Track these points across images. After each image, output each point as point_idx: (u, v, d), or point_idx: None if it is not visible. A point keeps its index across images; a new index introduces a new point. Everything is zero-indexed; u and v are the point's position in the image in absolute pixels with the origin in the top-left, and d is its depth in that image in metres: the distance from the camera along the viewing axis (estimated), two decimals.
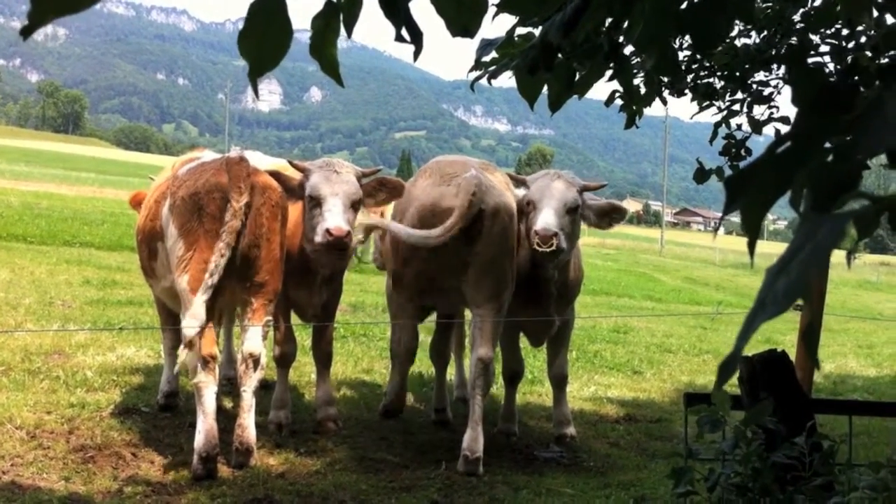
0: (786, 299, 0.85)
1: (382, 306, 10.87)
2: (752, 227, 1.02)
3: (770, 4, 4.20)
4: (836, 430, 5.38)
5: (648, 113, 4.83)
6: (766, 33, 4.40)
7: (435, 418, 6.59)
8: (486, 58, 2.65)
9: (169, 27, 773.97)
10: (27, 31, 1.24)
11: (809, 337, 0.97)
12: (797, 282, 0.85)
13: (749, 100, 4.93)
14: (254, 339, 5.26)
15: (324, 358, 6.22)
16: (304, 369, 7.77)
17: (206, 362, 4.96)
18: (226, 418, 5.75)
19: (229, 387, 6.82)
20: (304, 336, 7.92)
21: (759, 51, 4.42)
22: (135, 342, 8.28)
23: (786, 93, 4.93)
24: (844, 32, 4.17)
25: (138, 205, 6.27)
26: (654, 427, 7.08)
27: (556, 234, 5.24)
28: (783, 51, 4.27)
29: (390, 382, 6.84)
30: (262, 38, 1.49)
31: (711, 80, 4.82)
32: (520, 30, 2.54)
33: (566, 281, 5.98)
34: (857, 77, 3.83)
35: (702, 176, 5.04)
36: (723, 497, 3.12)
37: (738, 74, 4.72)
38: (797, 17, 4.25)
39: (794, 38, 4.27)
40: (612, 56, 2.17)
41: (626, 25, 2.05)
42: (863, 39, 4.14)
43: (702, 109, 5.01)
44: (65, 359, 7.33)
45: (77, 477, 4.70)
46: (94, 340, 8.16)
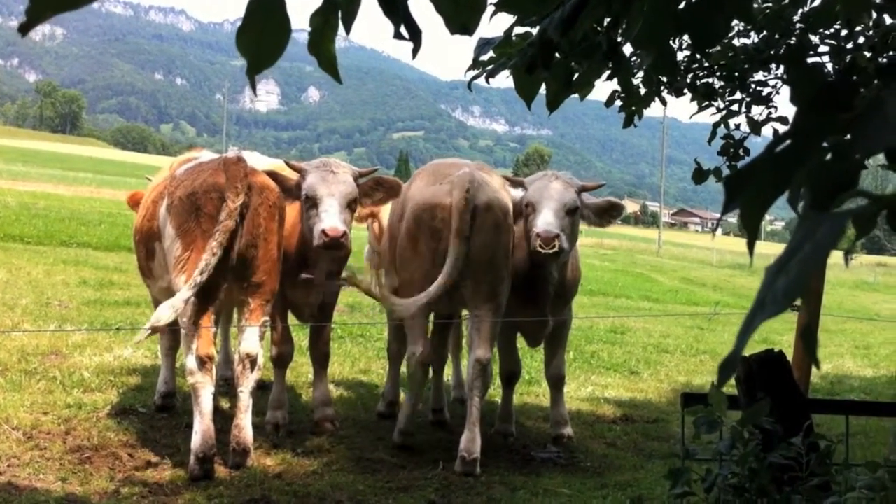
0: (785, 298, 0.85)
1: (380, 307, 10.85)
2: (752, 227, 1.01)
3: (769, 5, 4.20)
4: (833, 431, 5.39)
5: (646, 113, 4.84)
6: (765, 33, 4.41)
7: (432, 419, 6.59)
8: (484, 57, 2.65)
9: (167, 27, 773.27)
10: (25, 28, 1.23)
11: (808, 336, 0.96)
12: (796, 281, 0.85)
13: (748, 100, 4.93)
14: (251, 339, 5.25)
15: (321, 358, 6.22)
16: (301, 370, 7.76)
17: (202, 363, 4.96)
18: (223, 419, 5.75)
19: (226, 387, 6.82)
20: (301, 336, 7.91)
21: (758, 51, 4.43)
22: (132, 343, 8.26)
23: (784, 93, 4.93)
24: (843, 33, 4.17)
25: (136, 204, 6.26)
26: (650, 427, 7.08)
27: (557, 236, 5.25)
28: (782, 51, 4.27)
29: (388, 383, 6.84)
30: (261, 34, 1.49)
31: (710, 80, 4.82)
32: (518, 29, 2.54)
33: (564, 281, 5.98)
34: (855, 77, 3.83)
35: (700, 176, 5.04)
36: (720, 498, 3.12)
37: (736, 74, 4.72)
38: (796, 18, 4.25)
39: (793, 38, 4.27)
40: (610, 55, 2.17)
41: (624, 24, 2.05)
42: (861, 40, 4.15)
43: (701, 109, 5.01)
44: (62, 359, 7.32)
45: (74, 477, 4.70)
46: (90, 341, 8.16)
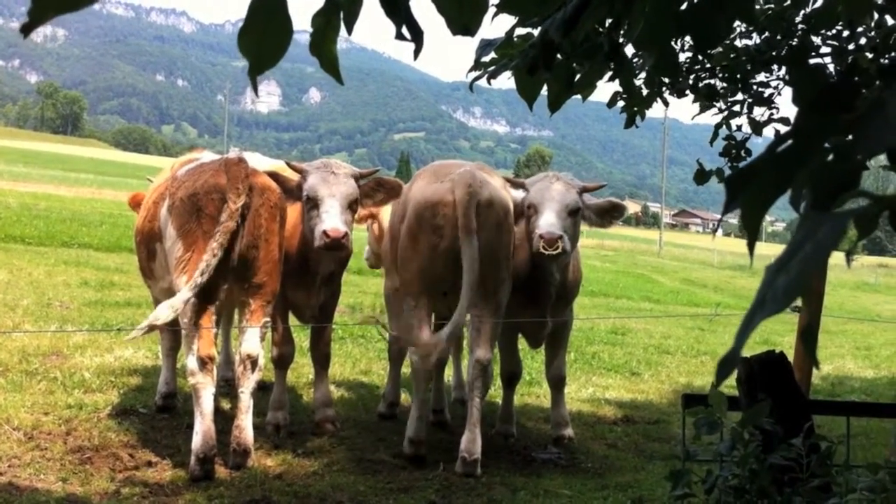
0: (785, 297, 0.85)
1: (381, 307, 10.85)
2: (752, 227, 1.01)
3: (771, 6, 4.20)
4: (834, 432, 5.38)
5: (647, 114, 4.84)
6: (766, 34, 4.41)
7: (433, 419, 6.59)
8: (486, 58, 2.65)
9: (168, 28, 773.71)
10: (27, 29, 1.23)
11: (808, 337, 0.96)
12: (797, 280, 0.85)
13: (749, 101, 4.93)
14: (252, 340, 5.25)
15: (322, 359, 6.22)
16: (302, 370, 7.77)
17: (203, 363, 4.96)
18: (223, 419, 5.75)
19: (227, 388, 6.82)
20: (302, 337, 7.91)
21: (760, 52, 4.43)
22: (133, 344, 8.26)
23: (786, 94, 4.93)
24: (845, 34, 4.17)
25: (137, 205, 6.27)
26: (651, 428, 7.08)
27: (560, 237, 5.24)
28: (783, 52, 4.27)
29: (389, 384, 6.84)
30: (263, 35, 1.49)
31: (712, 81, 4.82)
32: (519, 30, 2.54)
33: (565, 282, 5.98)
34: (856, 78, 3.83)
35: (702, 177, 5.04)
36: (720, 499, 3.11)
37: (738, 76, 4.72)
38: (798, 19, 4.25)
39: (795, 39, 4.27)
40: (612, 56, 2.17)
41: (626, 25, 2.05)
42: (863, 41, 4.14)
43: (703, 110, 5.01)
44: (62, 360, 7.32)
45: (74, 478, 4.70)
46: (91, 342, 8.16)
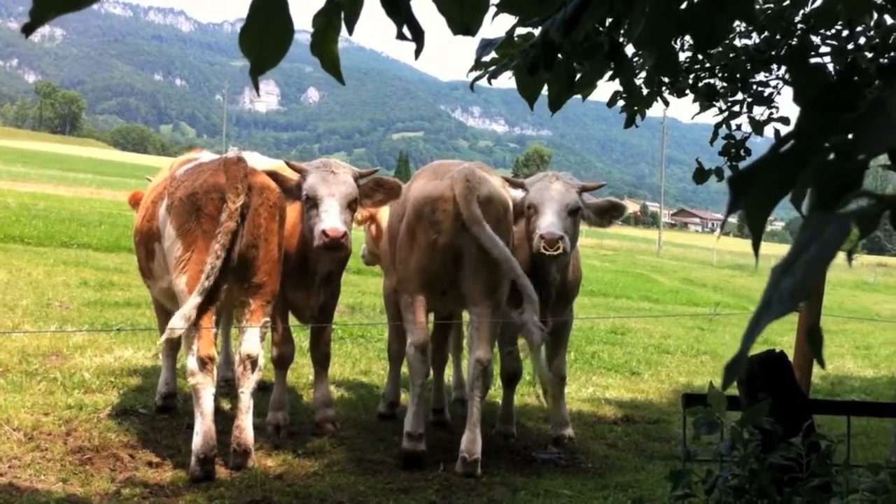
0: (792, 299, 0.85)
1: (380, 307, 10.86)
2: (756, 228, 1.01)
3: (770, 5, 4.20)
4: (834, 431, 5.38)
5: (646, 113, 4.84)
6: (766, 34, 4.41)
7: (433, 419, 6.59)
8: (486, 58, 2.65)
9: (166, 28, 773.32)
10: (29, 29, 1.23)
11: (814, 336, 0.96)
12: (803, 282, 0.84)
13: (749, 100, 4.93)
14: (252, 340, 5.25)
15: (322, 359, 6.22)
16: (301, 371, 7.76)
17: (203, 364, 4.95)
18: (224, 420, 5.75)
19: (227, 388, 6.82)
20: (301, 337, 7.91)
21: (759, 51, 4.42)
22: (132, 343, 8.27)
23: (785, 93, 4.93)
24: (844, 34, 4.17)
25: (137, 204, 6.26)
26: (651, 428, 7.08)
27: (561, 238, 5.24)
28: (783, 51, 4.27)
29: (389, 384, 6.84)
30: (264, 35, 1.49)
31: (712, 80, 4.82)
32: (520, 30, 2.54)
33: (565, 282, 5.98)
34: (856, 77, 3.83)
35: (701, 176, 5.04)
36: (720, 499, 3.11)
37: (738, 75, 4.72)
38: (797, 18, 4.25)
39: (794, 38, 4.27)
40: (612, 55, 2.17)
41: (626, 24, 2.05)
42: (862, 40, 4.14)
43: (703, 110, 5.01)
44: (62, 360, 7.32)
45: (75, 478, 4.70)
46: (91, 342, 8.15)
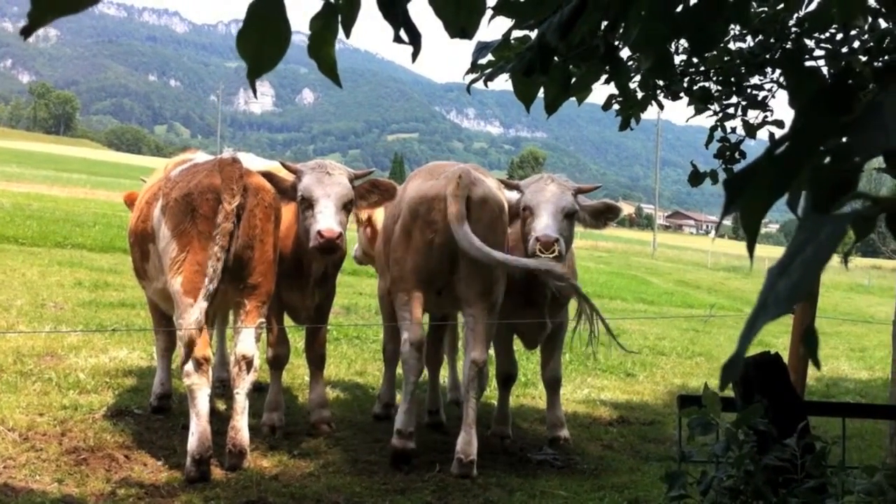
0: (788, 300, 0.85)
1: (375, 308, 10.87)
2: (752, 230, 1.01)
3: (765, 9, 4.21)
4: (829, 433, 5.40)
5: (641, 116, 4.85)
6: (760, 37, 4.42)
7: (428, 420, 6.59)
8: (483, 60, 2.66)
9: (161, 29, 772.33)
10: (27, 31, 1.23)
11: (810, 337, 0.96)
12: (799, 283, 0.85)
13: (743, 104, 4.94)
14: (247, 341, 5.25)
15: (317, 360, 6.22)
16: (297, 371, 7.76)
17: (199, 364, 4.95)
18: (219, 420, 5.74)
19: (222, 389, 6.82)
20: (297, 338, 7.90)
21: (754, 55, 4.44)
22: (127, 344, 8.26)
23: (780, 97, 4.95)
24: (839, 37, 4.18)
25: (133, 204, 6.25)
26: (647, 429, 7.09)
27: (557, 240, 5.25)
28: (777, 55, 4.29)
29: (384, 385, 6.84)
30: (261, 38, 1.49)
31: (706, 84, 4.83)
32: (516, 33, 2.54)
33: None
34: (851, 81, 3.83)
35: (696, 178, 5.05)
36: (716, 500, 3.12)
37: (732, 79, 4.74)
38: (791, 22, 4.26)
39: (789, 42, 4.29)
40: (608, 58, 2.18)
41: (622, 27, 2.05)
42: (856, 44, 4.16)
43: (697, 113, 5.02)
44: (57, 361, 7.30)
45: (70, 479, 4.69)
46: (86, 342, 8.14)
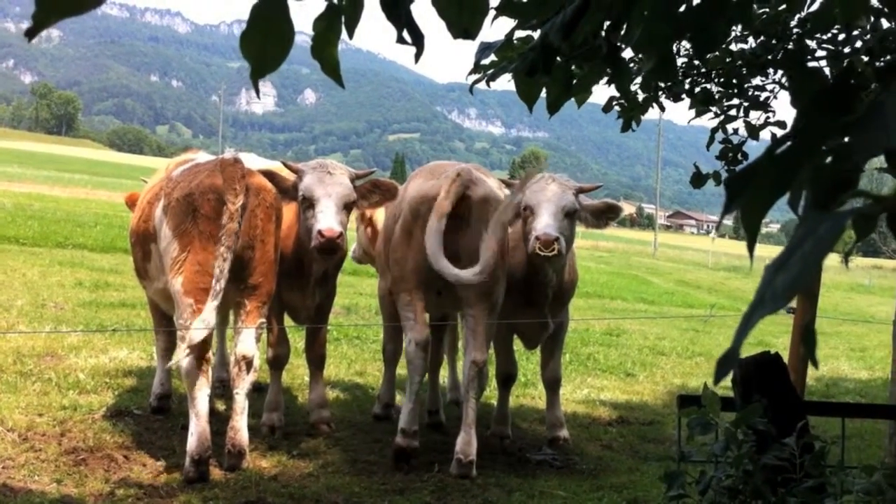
0: (785, 295, 0.85)
1: (376, 309, 10.86)
2: (752, 229, 1.01)
3: (766, 9, 4.20)
4: (829, 433, 5.40)
5: (643, 116, 4.85)
6: (762, 38, 4.41)
7: (428, 421, 6.59)
8: (485, 61, 2.66)
9: (163, 29, 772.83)
10: (32, 33, 1.23)
11: (808, 336, 0.96)
12: (797, 277, 0.85)
13: (745, 105, 4.93)
14: (247, 341, 5.25)
15: (317, 360, 6.22)
16: (297, 371, 7.76)
17: (199, 365, 4.95)
18: (218, 421, 5.74)
19: (222, 389, 6.82)
20: (297, 338, 7.90)
21: (756, 56, 4.43)
22: (127, 344, 8.26)
23: (782, 98, 4.94)
24: (841, 37, 4.17)
25: (134, 204, 6.25)
26: (646, 429, 7.09)
27: (557, 239, 5.24)
28: (779, 56, 4.28)
29: (384, 385, 6.84)
30: (265, 39, 1.49)
31: (708, 85, 4.82)
32: (519, 33, 2.54)
33: (561, 284, 5.98)
34: (852, 80, 3.82)
35: (698, 180, 5.04)
36: (715, 500, 3.12)
37: (734, 80, 4.73)
38: (793, 23, 4.25)
39: (791, 42, 4.28)
40: (610, 59, 2.17)
41: (625, 28, 2.05)
42: (858, 44, 4.15)
43: (699, 115, 5.01)
44: (57, 361, 7.30)
45: (69, 479, 4.69)
46: (86, 342, 8.14)
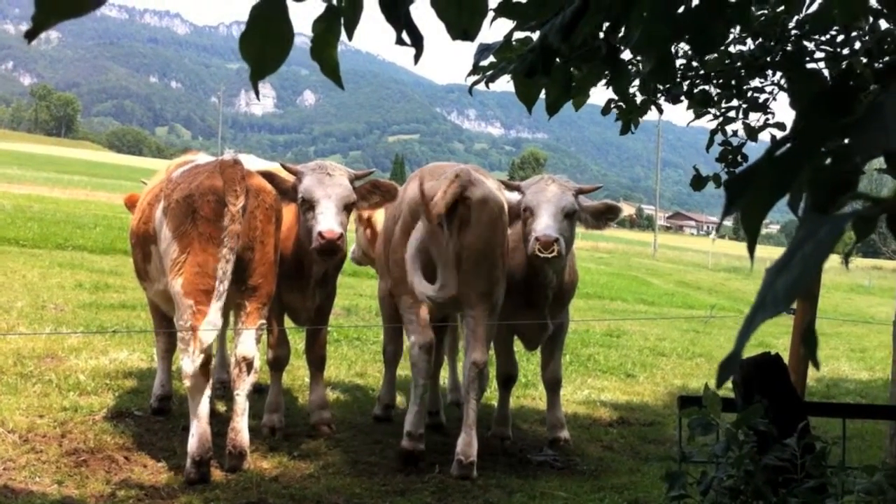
0: (786, 298, 0.85)
1: (376, 310, 10.86)
2: (752, 230, 1.02)
3: (765, 11, 4.21)
4: (829, 433, 5.40)
5: (642, 117, 4.85)
6: (760, 40, 4.41)
7: (428, 422, 6.58)
8: (485, 62, 2.66)
9: (162, 30, 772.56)
10: (31, 35, 1.24)
11: (809, 337, 0.96)
12: (798, 280, 0.85)
13: (744, 106, 4.93)
14: (247, 342, 5.25)
15: (317, 361, 6.22)
16: (297, 373, 7.76)
17: (199, 366, 4.94)
18: (219, 422, 5.74)
19: (223, 390, 6.82)
20: (297, 340, 7.90)
21: (754, 57, 4.43)
22: (128, 346, 8.26)
23: (781, 99, 4.94)
24: (840, 38, 4.17)
25: (134, 205, 6.25)
26: (647, 430, 7.09)
27: (557, 240, 5.25)
28: (778, 57, 4.28)
29: (384, 386, 6.84)
30: (264, 41, 1.49)
31: (707, 87, 4.82)
32: (518, 34, 2.54)
33: (561, 284, 5.99)
34: (851, 82, 3.83)
35: (699, 182, 5.04)
36: (716, 500, 3.12)
37: (733, 82, 4.73)
38: (792, 24, 4.25)
39: (789, 44, 4.28)
40: (609, 60, 2.18)
41: (623, 29, 2.05)
42: (857, 45, 4.15)
43: (698, 117, 5.01)
44: (57, 362, 7.31)
45: (70, 481, 4.69)
46: (86, 344, 8.14)
